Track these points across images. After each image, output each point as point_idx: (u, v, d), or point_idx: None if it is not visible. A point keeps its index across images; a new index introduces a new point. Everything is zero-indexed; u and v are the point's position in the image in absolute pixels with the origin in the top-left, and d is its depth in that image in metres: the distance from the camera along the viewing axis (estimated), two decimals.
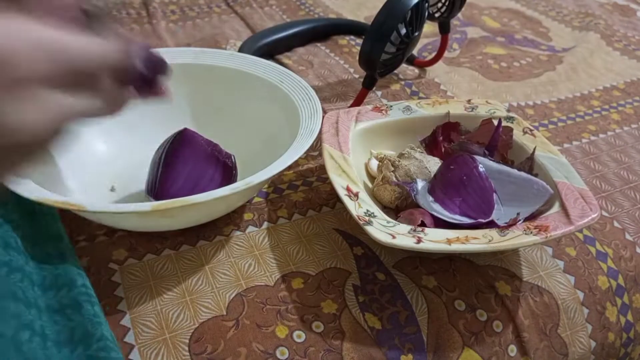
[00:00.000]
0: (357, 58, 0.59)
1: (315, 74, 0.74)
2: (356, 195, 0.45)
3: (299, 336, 0.41)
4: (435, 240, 0.41)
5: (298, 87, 0.53)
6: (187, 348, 0.39)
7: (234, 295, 0.42)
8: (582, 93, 0.75)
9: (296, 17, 0.91)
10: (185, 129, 0.46)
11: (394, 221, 0.43)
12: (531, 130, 0.54)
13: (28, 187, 0.38)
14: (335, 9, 0.95)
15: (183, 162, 0.45)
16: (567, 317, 0.46)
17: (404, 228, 0.42)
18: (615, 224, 0.54)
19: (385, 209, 0.49)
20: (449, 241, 0.41)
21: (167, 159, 0.46)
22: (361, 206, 0.44)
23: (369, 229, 0.41)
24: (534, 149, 0.51)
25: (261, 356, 0.39)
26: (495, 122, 0.53)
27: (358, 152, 0.53)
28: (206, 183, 0.45)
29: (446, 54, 0.83)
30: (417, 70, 0.77)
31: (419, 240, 0.41)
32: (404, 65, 0.78)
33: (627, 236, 0.52)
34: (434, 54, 0.74)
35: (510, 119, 0.56)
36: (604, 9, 1.03)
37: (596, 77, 0.79)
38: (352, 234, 0.49)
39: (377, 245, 0.48)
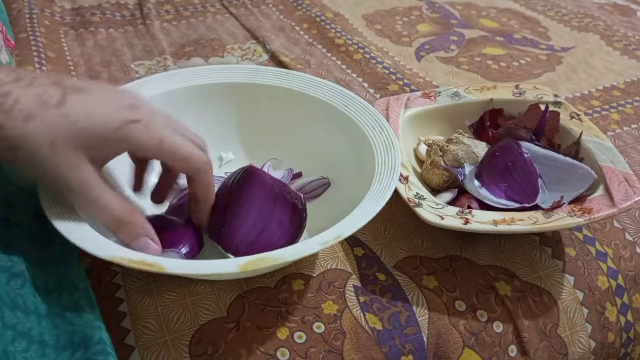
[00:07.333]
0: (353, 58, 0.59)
1: (313, 74, 0.73)
2: (406, 178, 0.47)
3: (300, 337, 0.41)
4: (482, 221, 0.43)
5: (364, 112, 0.49)
6: (187, 350, 0.39)
7: (234, 297, 0.42)
8: (582, 93, 0.75)
9: (292, 17, 0.91)
10: (250, 166, 0.43)
11: (442, 203, 0.45)
12: (578, 115, 0.55)
13: (99, 244, 0.34)
14: (333, 8, 0.94)
15: (249, 203, 0.41)
16: (567, 317, 0.46)
17: (452, 210, 0.44)
18: (615, 223, 0.54)
19: (433, 191, 0.50)
20: (495, 222, 0.43)
21: (230, 198, 0.42)
22: (411, 189, 0.46)
23: (419, 210, 0.44)
24: (581, 134, 0.52)
25: (262, 357, 0.39)
26: (543, 107, 0.54)
27: (407, 137, 0.54)
28: (275, 228, 0.41)
29: (444, 54, 0.83)
30: (414, 70, 0.76)
31: (467, 222, 0.43)
32: (402, 65, 0.78)
33: (627, 236, 0.53)
34: (431, 54, 0.74)
35: (557, 103, 0.57)
36: (604, 10, 1.03)
37: (596, 77, 0.79)
38: (353, 234, 0.49)
39: (378, 245, 0.48)
